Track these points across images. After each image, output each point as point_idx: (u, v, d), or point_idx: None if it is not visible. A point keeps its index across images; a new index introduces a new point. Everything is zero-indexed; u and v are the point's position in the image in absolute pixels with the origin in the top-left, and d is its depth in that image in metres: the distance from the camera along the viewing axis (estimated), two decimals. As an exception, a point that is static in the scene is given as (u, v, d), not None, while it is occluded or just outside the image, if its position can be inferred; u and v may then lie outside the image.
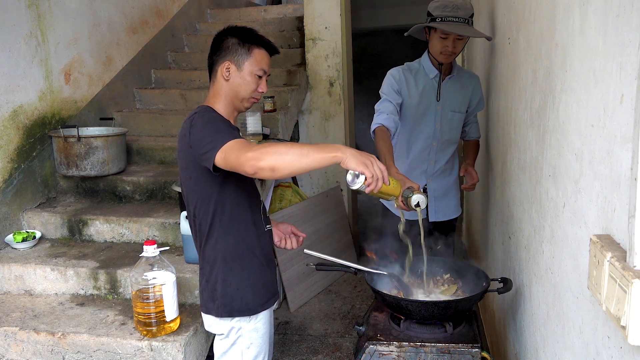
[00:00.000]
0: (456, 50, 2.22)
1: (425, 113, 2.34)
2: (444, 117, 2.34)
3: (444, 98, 2.33)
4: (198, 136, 1.53)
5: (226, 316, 1.67)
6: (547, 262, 1.38)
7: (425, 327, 1.69)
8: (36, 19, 3.03)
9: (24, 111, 2.94)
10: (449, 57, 2.23)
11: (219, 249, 1.65)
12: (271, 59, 1.72)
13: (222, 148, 1.46)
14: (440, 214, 2.46)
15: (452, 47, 2.19)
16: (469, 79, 2.41)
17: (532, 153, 1.54)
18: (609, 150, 0.91)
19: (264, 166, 1.37)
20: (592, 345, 1.02)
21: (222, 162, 1.46)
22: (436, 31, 2.20)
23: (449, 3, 2.15)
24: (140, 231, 2.81)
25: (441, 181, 2.44)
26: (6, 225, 2.84)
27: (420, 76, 2.34)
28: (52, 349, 2.21)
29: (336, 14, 4.11)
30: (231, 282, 1.66)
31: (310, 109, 4.26)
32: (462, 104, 2.37)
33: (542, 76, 1.40)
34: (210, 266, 1.67)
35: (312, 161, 1.37)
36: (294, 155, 1.37)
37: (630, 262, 0.78)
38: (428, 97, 2.33)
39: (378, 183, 1.40)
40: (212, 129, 1.52)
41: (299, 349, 2.96)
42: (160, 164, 3.43)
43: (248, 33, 1.67)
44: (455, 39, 2.18)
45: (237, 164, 1.42)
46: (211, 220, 1.63)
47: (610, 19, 0.90)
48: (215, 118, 1.59)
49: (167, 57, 4.52)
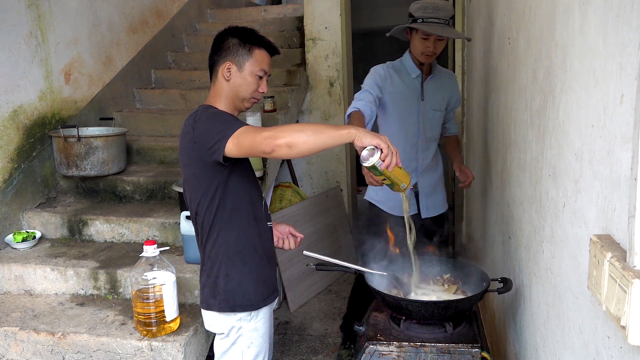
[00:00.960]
0: (437, 50, 2.27)
1: (409, 112, 2.40)
2: (426, 115, 2.41)
3: (426, 97, 2.40)
4: (204, 130, 1.54)
5: (228, 311, 1.67)
6: (547, 262, 1.38)
7: (425, 327, 1.69)
8: (36, 19, 3.03)
9: (24, 111, 2.94)
10: (430, 57, 2.29)
11: (221, 244, 1.65)
12: (271, 59, 1.73)
13: (233, 134, 1.47)
14: (432, 210, 2.54)
15: (433, 47, 2.25)
16: (447, 77, 2.50)
17: (532, 153, 1.54)
18: (609, 150, 0.91)
19: (281, 143, 1.39)
20: (592, 345, 1.02)
21: (234, 149, 1.47)
22: (417, 32, 2.25)
23: (429, 4, 2.20)
24: (140, 231, 2.81)
25: (429, 178, 2.52)
26: (6, 225, 2.84)
27: (403, 75, 2.40)
28: (52, 349, 2.21)
29: (336, 14, 4.11)
30: (233, 277, 1.66)
31: (310, 109, 4.26)
32: (441, 103, 2.45)
33: (542, 76, 1.40)
34: (211, 262, 1.68)
35: (328, 137, 1.40)
36: (309, 132, 1.39)
37: (630, 262, 0.78)
38: (411, 96, 2.39)
39: (394, 158, 1.41)
40: (219, 120, 1.54)
41: (299, 349, 2.96)
42: (160, 164, 3.43)
43: (249, 33, 1.68)
44: (436, 40, 2.24)
45: (252, 145, 1.43)
46: (214, 216, 1.63)
47: (610, 19, 0.90)
48: (220, 111, 1.61)
49: (167, 57, 4.52)
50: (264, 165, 3.14)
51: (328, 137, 1.40)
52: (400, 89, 2.38)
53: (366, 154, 1.41)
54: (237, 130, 1.48)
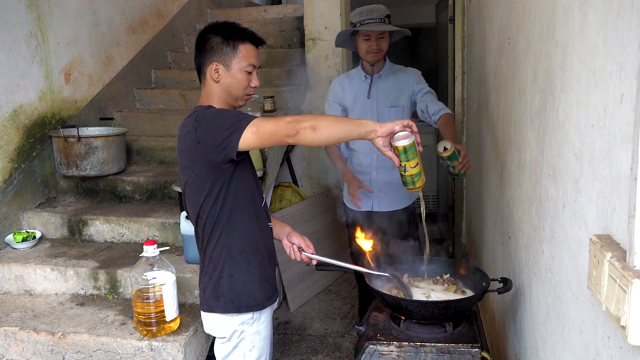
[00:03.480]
0: (382, 47, 2.45)
1: (362, 113, 2.56)
2: (381, 113, 2.55)
3: (377, 96, 2.55)
4: (210, 128, 1.51)
5: (234, 312, 1.64)
6: (547, 262, 1.38)
7: (425, 327, 1.69)
8: (36, 19, 3.03)
9: (24, 111, 2.94)
10: (377, 54, 2.47)
11: (224, 244, 1.63)
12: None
13: (251, 123, 1.47)
14: (384, 205, 2.62)
15: (376, 45, 2.43)
16: (404, 74, 2.60)
17: (532, 153, 1.54)
18: (609, 150, 0.91)
19: (306, 125, 1.42)
20: (592, 345, 1.02)
21: (253, 137, 1.46)
22: (359, 36, 2.45)
23: (364, 9, 2.43)
24: (140, 231, 2.81)
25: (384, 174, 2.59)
26: (6, 225, 2.84)
27: (355, 80, 2.61)
28: (52, 349, 2.21)
29: (336, 14, 4.11)
30: (238, 277, 1.64)
31: (310, 109, 4.26)
32: (398, 98, 2.56)
33: (542, 76, 1.40)
34: (214, 263, 1.65)
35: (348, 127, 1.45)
36: (332, 119, 1.45)
37: (630, 262, 0.78)
38: (362, 97, 2.57)
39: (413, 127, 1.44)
40: (226, 117, 1.51)
41: (299, 349, 2.96)
42: (160, 164, 3.43)
43: (231, 29, 1.63)
44: (377, 38, 2.42)
45: (275, 130, 1.44)
46: (217, 216, 1.61)
47: (610, 19, 0.90)
48: (223, 109, 1.60)
49: (167, 57, 4.52)
50: (264, 165, 3.14)
51: (349, 127, 1.44)
52: (353, 93, 2.60)
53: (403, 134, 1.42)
54: (254, 120, 1.47)
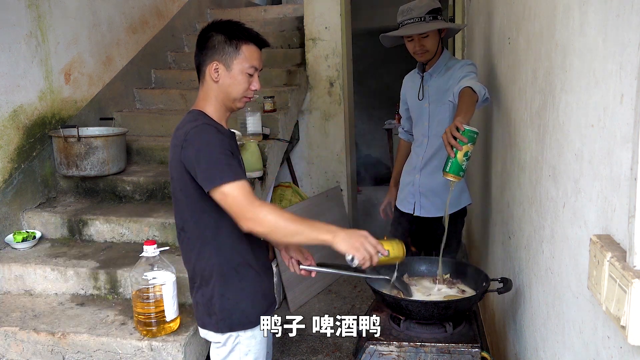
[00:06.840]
0: (427, 47, 2.29)
1: (418, 112, 2.46)
2: (433, 112, 2.39)
3: (428, 94, 2.40)
4: (192, 159, 1.48)
5: (226, 331, 1.61)
6: (547, 262, 1.38)
7: (425, 327, 1.69)
8: (36, 19, 3.03)
9: (24, 111, 2.94)
10: (423, 55, 2.33)
11: (214, 262, 1.58)
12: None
13: (222, 189, 1.42)
14: (425, 211, 2.46)
15: (419, 46, 2.28)
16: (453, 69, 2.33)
17: (532, 153, 1.54)
18: (609, 150, 0.91)
19: (260, 231, 1.44)
20: (592, 345, 1.02)
21: (218, 201, 1.45)
22: (405, 37, 2.32)
23: (404, 9, 2.30)
24: (140, 231, 2.81)
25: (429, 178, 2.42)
26: (6, 225, 2.84)
27: (414, 78, 2.50)
28: (52, 349, 2.21)
29: (336, 14, 4.11)
30: (229, 297, 1.59)
31: (310, 109, 4.26)
32: (445, 95, 2.32)
33: (542, 76, 1.40)
34: (205, 280, 1.60)
35: (305, 239, 1.46)
36: (289, 230, 1.43)
37: (630, 262, 0.78)
38: (415, 96, 2.47)
39: (373, 259, 1.45)
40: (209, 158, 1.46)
41: (299, 349, 2.96)
42: (160, 164, 3.43)
43: (235, 28, 1.56)
44: (419, 38, 2.28)
45: (235, 216, 1.44)
46: (203, 233, 1.57)
47: (610, 19, 0.90)
48: (210, 142, 1.48)
49: (167, 57, 4.52)
50: (264, 165, 3.14)
51: (305, 239, 1.45)
52: (411, 92, 2.49)
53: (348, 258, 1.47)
54: (228, 188, 1.42)
